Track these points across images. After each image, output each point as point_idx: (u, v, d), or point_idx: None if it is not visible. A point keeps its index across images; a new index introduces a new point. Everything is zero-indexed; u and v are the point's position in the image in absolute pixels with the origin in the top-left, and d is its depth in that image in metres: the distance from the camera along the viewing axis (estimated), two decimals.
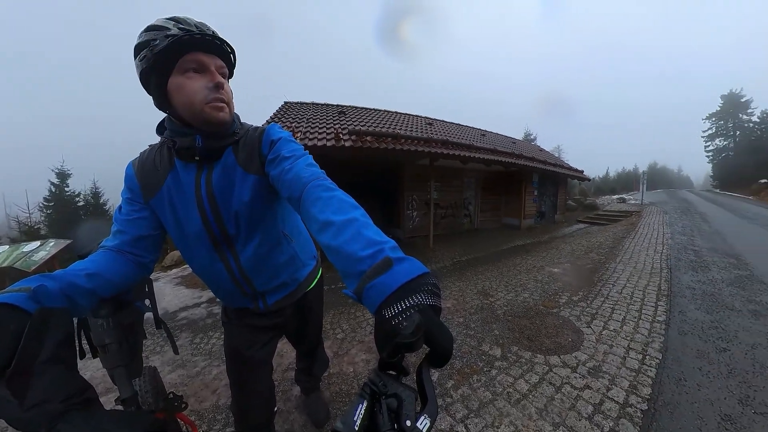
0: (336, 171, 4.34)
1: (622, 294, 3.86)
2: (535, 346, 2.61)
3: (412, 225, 7.89)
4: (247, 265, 0.92)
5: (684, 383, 2.18)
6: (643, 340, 2.75)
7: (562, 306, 3.48)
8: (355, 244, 0.48)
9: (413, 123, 8.59)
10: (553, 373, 2.24)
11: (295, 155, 0.79)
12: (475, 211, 10.10)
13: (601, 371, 2.27)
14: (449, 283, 4.40)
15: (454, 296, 3.80)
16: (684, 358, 2.51)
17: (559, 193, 13.30)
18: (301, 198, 0.66)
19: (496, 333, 2.83)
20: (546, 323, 3.04)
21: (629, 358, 2.47)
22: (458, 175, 9.11)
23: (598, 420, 1.77)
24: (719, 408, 1.93)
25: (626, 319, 3.15)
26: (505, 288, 4.14)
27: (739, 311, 3.44)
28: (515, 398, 1.97)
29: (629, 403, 1.94)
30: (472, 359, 2.41)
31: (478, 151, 7.36)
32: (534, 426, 1.73)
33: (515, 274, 4.81)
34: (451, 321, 3.08)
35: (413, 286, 0.41)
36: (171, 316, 3.68)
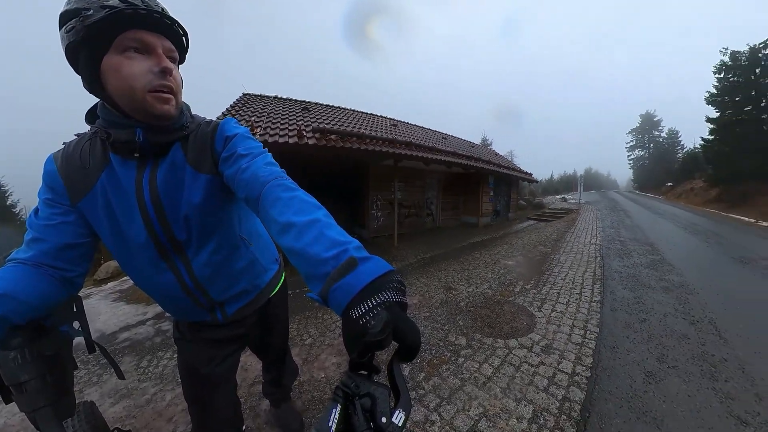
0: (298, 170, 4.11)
1: (566, 280, 4.34)
2: (496, 332, 2.80)
3: (377, 224, 7.92)
4: (201, 274, 0.83)
5: (617, 350, 2.59)
6: (584, 318, 3.14)
7: (517, 294, 3.78)
8: (319, 245, 0.47)
9: (378, 123, 8.64)
10: (512, 354, 2.44)
11: (252, 153, 0.72)
12: (437, 211, 10.50)
13: (552, 348, 2.54)
14: (414, 279, 4.46)
15: (419, 292, 3.88)
16: (615, 330, 2.94)
17: (511, 194, 14.60)
18: (260, 199, 0.61)
19: (460, 324, 2.96)
20: (504, 311, 3.27)
21: (574, 335, 2.79)
22: (421, 175, 9.39)
23: (552, 390, 2.01)
24: (643, 367, 2.33)
25: (570, 302, 3.55)
26: (467, 281, 4.35)
27: (654, 288, 4.10)
28: (481, 381, 2.10)
29: (576, 372, 2.22)
30: (440, 350, 2.49)
31: (440, 154, 7.65)
32: (500, 404, 1.88)
33: (475, 268, 5.09)
34: (418, 316, 3.15)
35: (379, 285, 0.41)
36: (109, 339, 3.12)
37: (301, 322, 3.09)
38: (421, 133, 10.39)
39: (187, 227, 0.76)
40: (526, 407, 1.86)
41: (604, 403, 1.93)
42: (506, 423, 1.73)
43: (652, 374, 2.24)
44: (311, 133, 5.01)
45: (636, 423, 1.77)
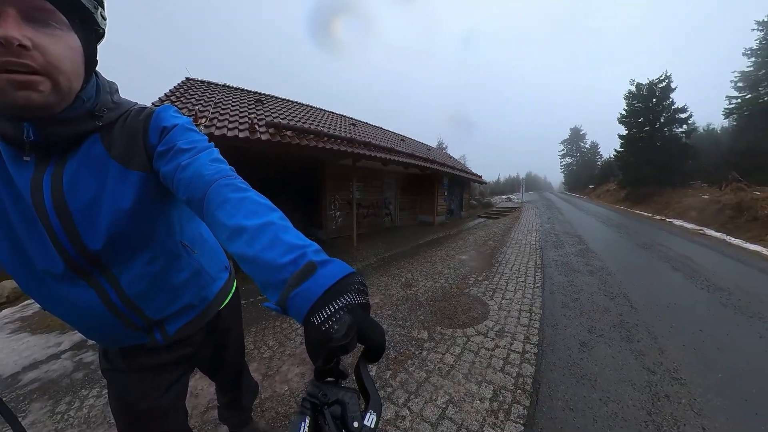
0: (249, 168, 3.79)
1: (513, 270, 4.77)
2: (455, 323, 2.93)
3: (336, 225, 7.75)
4: (133, 290, 0.71)
5: (557, 327, 2.97)
6: (529, 302, 3.49)
7: (471, 286, 4.02)
8: (274, 250, 0.44)
9: (337, 122, 8.42)
10: (471, 342, 2.59)
11: (195, 147, 0.63)
12: (395, 210, 10.69)
13: (505, 332, 2.77)
14: (375, 279, 4.45)
15: (381, 291, 3.88)
16: (555, 310, 3.36)
17: (464, 194, 15.72)
18: (205, 200, 0.54)
19: (421, 318, 3.04)
20: (460, 302, 3.44)
21: (522, 317, 3.09)
22: (379, 176, 9.46)
23: (508, 369, 2.21)
24: (578, 339, 2.74)
25: (517, 289, 3.91)
26: (425, 277, 4.49)
27: (582, 272, 4.77)
28: (445, 371, 2.19)
29: (526, 350, 2.47)
30: (404, 346, 2.52)
31: (398, 155, 7.76)
32: (463, 389, 1.99)
33: (432, 264, 5.28)
34: (380, 315, 3.14)
35: (340, 288, 0.40)
36: (9, 383, 2.38)
37: (258, 334, 2.82)
38: (380, 134, 10.47)
39: (108, 237, 0.63)
40: (486, 388, 2.00)
41: (551, 373, 2.21)
42: (471, 405, 1.84)
43: (585, 343, 2.64)
44: (265, 127, 4.59)
45: (576, 386, 2.07)
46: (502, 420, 1.73)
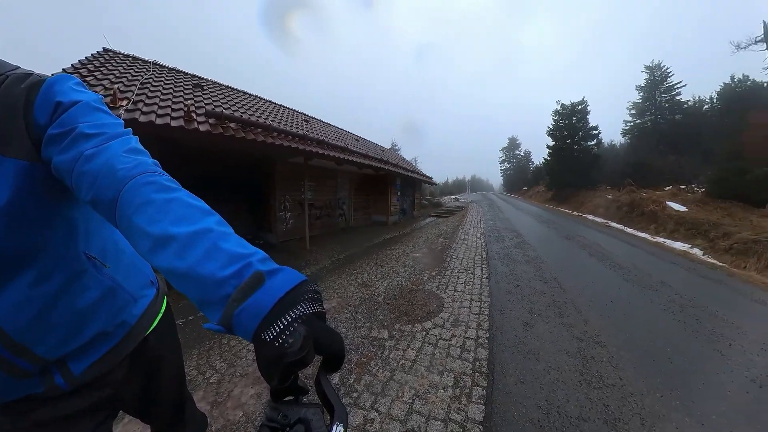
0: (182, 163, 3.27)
1: (462, 264, 5.08)
2: (413, 318, 2.99)
3: (286, 227, 7.28)
4: (12, 324, 0.53)
5: (503, 312, 3.25)
6: (478, 292, 3.76)
7: (426, 281, 4.16)
8: (213, 262, 0.38)
9: (288, 116, 7.88)
10: (429, 334, 2.67)
11: (105, 133, 0.51)
12: (349, 211, 10.53)
13: (459, 321, 2.92)
14: (331, 282, 4.27)
15: (337, 294, 3.74)
16: (500, 297, 3.68)
17: (415, 194, 16.30)
18: (118, 202, 0.44)
19: (380, 318, 3.02)
20: (416, 298, 3.53)
21: (473, 307, 3.30)
22: (333, 175, 9.22)
23: (465, 356, 2.34)
24: (521, 320, 3.07)
25: (467, 281, 4.17)
26: (381, 276, 4.50)
27: (520, 262, 5.33)
28: (408, 366, 2.21)
29: (479, 336, 2.64)
30: (365, 348, 2.46)
31: (352, 155, 7.64)
32: (427, 381, 2.04)
33: (387, 263, 5.34)
34: (338, 319, 3.02)
35: (292, 299, 0.37)
36: None
37: (201, 357, 2.43)
38: (334, 133, 10.19)
39: None
40: (448, 376, 2.08)
41: (502, 353, 2.43)
42: (436, 396, 1.90)
43: (528, 323, 2.98)
44: (204, 116, 3.99)
45: (524, 361, 2.33)
46: (464, 404, 1.83)
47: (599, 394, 1.95)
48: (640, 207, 10.42)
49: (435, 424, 1.67)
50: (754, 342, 2.69)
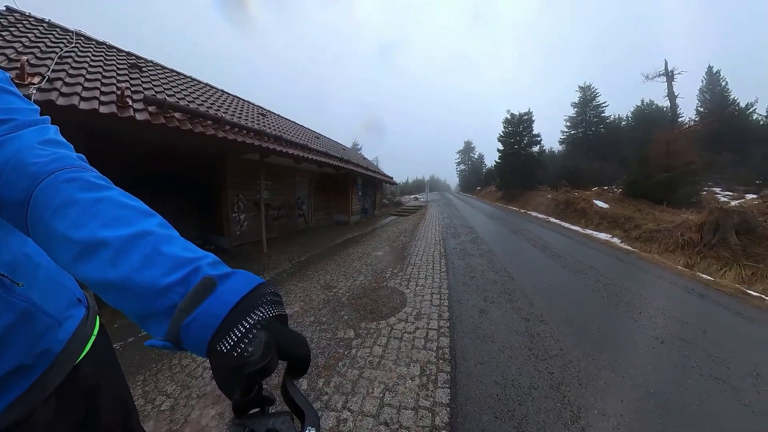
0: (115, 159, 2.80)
1: (422, 260, 5.29)
2: (377, 315, 3.03)
3: (241, 230, 6.78)
4: None
5: (461, 302, 3.47)
6: (438, 285, 3.95)
7: (389, 279, 4.24)
8: (154, 268, 0.34)
9: (243, 109, 7.21)
10: (394, 329, 2.73)
11: (14, 119, 0.44)
12: (309, 211, 10.17)
13: (422, 314, 3.04)
14: (292, 285, 4.11)
15: (300, 298, 3.61)
16: (458, 288, 3.91)
17: (376, 194, 16.38)
18: (30, 203, 0.38)
19: (345, 318, 3.00)
20: (380, 295, 3.59)
21: (434, 299, 3.47)
22: (291, 174, 8.80)
23: (429, 346, 2.46)
24: (478, 307, 3.32)
25: (427, 276, 4.36)
26: (344, 276, 4.46)
27: (474, 255, 5.71)
28: (376, 362, 2.24)
29: (441, 326, 2.79)
30: (332, 350, 2.42)
31: (312, 153, 7.36)
32: (395, 374, 2.10)
33: (350, 263, 5.32)
34: (302, 323, 2.94)
35: (249, 303, 0.35)
36: None
37: (148, 383, 2.13)
38: (293, 129, 9.70)
39: None
40: (414, 367, 2.17)
41: (461, 339, 2.61)
42: (405, 387, 1.97)
43: (483, 310, 3.25)
44: (143, 103, 3.38)
45: (481, 344, 2.55)
46: (431, 390, 1.93)
47: (545, 365, 2.27)
48: (573, 205, 11.94)
49: (406, 414, 1.74)
50: (657, 309, 3.37)
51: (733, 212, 5.94)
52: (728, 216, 5.84)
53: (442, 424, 1.67)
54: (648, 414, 1.79)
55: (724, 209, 6.21)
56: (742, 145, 14.18)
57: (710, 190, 12.53)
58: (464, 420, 1.72)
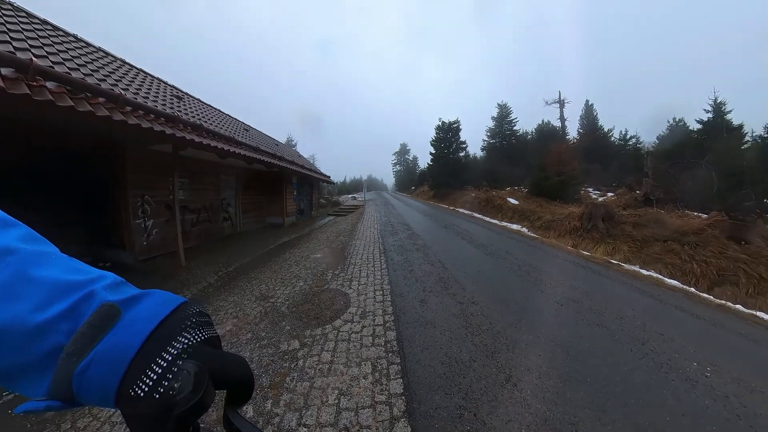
0: None
1: (363, 258, 5.34)
2: (322, 320, 2.92)
3: (149, 240, 5.58)
4: None
5: (403, 295, 3.63)
6: (380, 282, 4.05)
7: (330, 281, 4.14)
8: (19, 302, 0.26)
9: (152, 87, 5.74)
10: (341, 332, 2.68)
11: None
12: (237, 213, 9.08)
13: (367, 312, 3.07)
14: (221, 301, 3.64)
15: (232, 314, 3.23)
16: (399, 283, 4.09)
17: (313, 193, 15.74)
18: None
19: (287, 328, 2.79)
20: (322, 299, 3.48)
21: (377, 296, 3.54)
22: (214, 170, 7.70)
23: (378, 342, 2.50)
24: (418, 298, 3.54)
25: (369, 274, 4.42)
26: (282, 284, 4.15)
27: (411, 250, 6.04)
28: (327, 368, 2.17)
29: (386, 321, 2.87)
30: (277, 366, 2.22)
31: (240, 147, 6.48)
32: (347, 376, 2.07)
33: (287, 268, 5.00)
34: (238, 342, 2.61)
35: (169, 329, 0.30)
36: None
37: None
38: (217, 117, 8.38)
39: None
40: (366, 365, 2.18)
41: (406, 329, 2.75)
42: (359, 387, 1.96)
43: (423, 300, 3.49)
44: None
45: (424, 331, 2.74)
46: (385, 383, 1.99)
47: (480, 339, 2.61)
48: (492, 202, 13.87)
49: (365, 413, 1.74)
50: (556, 280, 4.25)
51: (600, 205, 7.85)
52: (597, 208, 7.65)
53: (399, 413, 1.74)
54: (558, 360, 2.33)
55: (594, 203, 8.15)
56: (605, 158, 19.09)
57: (586, 189, 16.12)
58: (419, 404, 1.83)
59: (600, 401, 1.88)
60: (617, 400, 1.89)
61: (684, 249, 5.35)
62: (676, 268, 5.08)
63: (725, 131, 12.96)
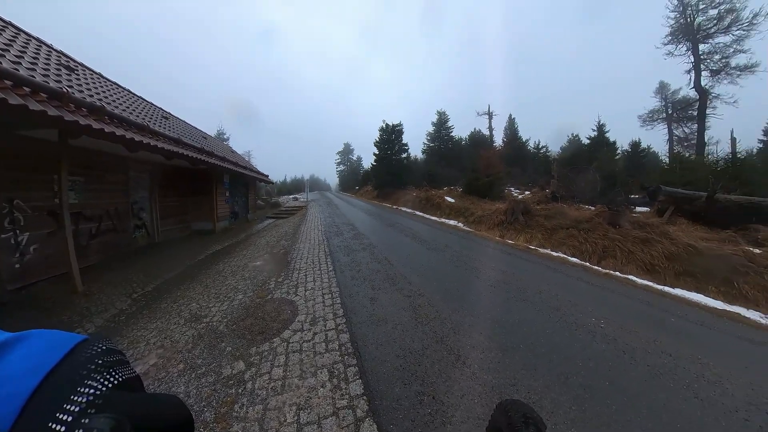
0: None
1: (308, 262, 5.13)
2: (268, 334, 2.70)
3: (23, 261, 4.20)
4: None
5: (352, 296, 3.63)
6: (328, 285, 3.97)
7: (273, 290, 3.87)
8: None
9: (26, 49, 4.35)
10: (291, 343, 2.53)
11: None
12: (153, 219, 7.65)
13: (317, 318, 2.97)
14: (139, 330, 3.02)
15: (156, 344, 2.70)
16: (347, 284, 4.07)
17: (250, 194, 14.33)
18: None
19: (229, 350, 2.48)
20: (267, 311, 3.21)
21: (326, 299, 3.46)
22: (121, 166, 6.34)
23: (332, 347, 2.45)
24: (368, 296, 3.59)
25: (315, 278, 4.27)
26: (217, 299, 3.68)
27: (358, 250, 6.05)
28: (280, 385, 2.02)
29: (338, 324, 2.82)
30: (221, 395, 1.95)
31: (157, 138, 5.41)
32: (304, 388, 1.97)
33: (223, 281, 4.47)
34: (168, 378, 2.20)
35: (63, 380, 0.24)
36: None
37: None
38: (125, 99, 6.71)
39: None
40: (322, 373, 2.11)
41: (359, 329, 2.76)
42: (317, 397, 1.88)
43: (373, 298, 3.54)
44: None
45: (377, 328, 2.78)
46: (345, 387, 1.96)
47: (429, 327, 2.79)
48: (431, 200, 14.88)
49: (327, 422, 1.69)
50: (489, 266, 4.82)
51: (520, 201, 9.15)
52: (517, 204, 8.87)
53: (363, 413, 1.75)
54: (496, 334, 2.68)
55: (515, 200, 9.47)
56: (523, 163, 22.83)
57: (509, 189, 18.58)
58: (381, 399, 1.87)
59: (532, 362, 2.27)
60: (544, 358, 2.32)
61: (580, 234, 6.60)
62: (576, 248, 6.25)
63: (605, 145, 17.67)
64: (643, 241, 5.58)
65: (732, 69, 16.56)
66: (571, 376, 2.09)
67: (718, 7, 16.14)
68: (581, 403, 1.84)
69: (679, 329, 2.97)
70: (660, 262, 5.02)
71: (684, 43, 17.88)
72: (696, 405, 1.88)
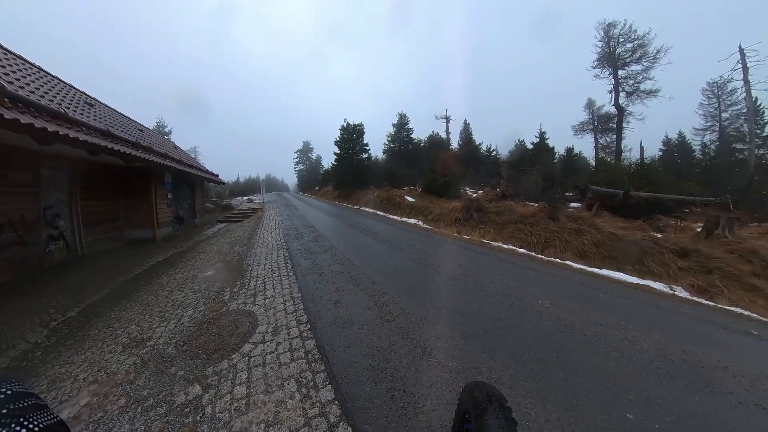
0: None
1: (266, 268, 4.86)
2: (226, 351, 2.48)
3: None
4: None
5: (316, 300, 3.54)
6: (289, 291, 3.81)
7: (229, 301, 3.59)
8: None
9: None
10: (253, 357, 2.37)
11: None
12: (74, 228, 6.43)
13: (279, 327, 2.83)
14: (60, 367, 2.52)
15: (87, 380, 2.31)
16: (309, 288, 3.96)
17: (197, 196, 12.91)
18: None
19: (181, 373, 2.23)
20: (223, 325, 2.96)
21: (287, 306, 3.33)
22: (27, 163, 5.18)
23: (297, 355, 2.36)
24: (332, 299, 3.52)
25: (275, 284, 4.06)
26: (162, 318, 3.29)
27: (319, 253, 5.91)
28: (245, 404, 1.88)
29: (302, 331, 2.74)
30: (176, 426, 1.74)
31: (78, 128, 4.58)
32: (272, 404, 1.86)
33: (168, 296, 4.00)
34: (108, 417, 1.89)
35: None
36: None
37: None
38: (33, 77, 5.53)
39: None
40: (290, 385, 2.01)
41: (325, 334, 2.71)
42: (287, 411, 1.80)
43: (337, 300, 3.50)
44: None
45: (343, 330, 2.76)
46: (315, 395, 1.90)
47: (395, 324, 2.85)
48: (392, 200, 15.13)
49: None
50: (447, 261, 5.10)
51: (474, 200, 9.81)
52: (472, 202, 9.50)
53: (336, 419, 1.72)
54: (458, 324, 2.82)
55: (470, 199, 10.15)
56: (477, 164, 24.82)
57: (464, 188, 19.89)
58: (353, 401, 1.86)
59: (491, 345, 2.47)
60: (501, 341, 2.54)
61: (526, 227, 7.33)
62: (523, 240, 6.92)
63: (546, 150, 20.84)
64: (577, 231, 6.39)
65: (641, 92, 20.40)
66: (525, 353, 2.34)
67: (633, 42, 19.79)
68: (535, 375, 2.08)
69: (607, 303, 3.51)
70: (590, 249, 5.81)
71: (607, 68, 21.35)
72: (622, 362, 2.28)
